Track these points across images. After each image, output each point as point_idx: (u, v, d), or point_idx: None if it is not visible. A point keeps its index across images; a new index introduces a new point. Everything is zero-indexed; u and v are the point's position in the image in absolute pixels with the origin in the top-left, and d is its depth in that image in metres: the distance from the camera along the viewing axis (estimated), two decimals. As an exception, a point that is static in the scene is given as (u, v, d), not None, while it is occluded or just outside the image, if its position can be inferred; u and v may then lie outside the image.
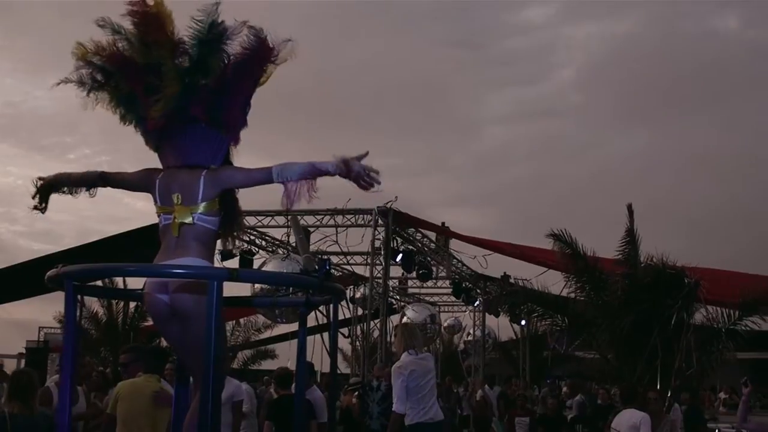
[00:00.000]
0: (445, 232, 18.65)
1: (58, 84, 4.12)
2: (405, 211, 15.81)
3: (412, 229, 17.44)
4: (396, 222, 15.74)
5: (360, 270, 19.25)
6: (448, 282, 22.73)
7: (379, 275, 16.18)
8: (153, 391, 6.22)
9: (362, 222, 15.99)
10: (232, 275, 3.63)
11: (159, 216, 4.14)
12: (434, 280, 21.69)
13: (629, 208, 11.73)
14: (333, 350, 4.34)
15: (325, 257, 4.33)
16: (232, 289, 4.17)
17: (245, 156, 4.31)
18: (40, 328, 28.53)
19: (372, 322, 16.68)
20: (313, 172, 3.90)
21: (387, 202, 15.20)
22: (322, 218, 16.09)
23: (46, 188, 4.34)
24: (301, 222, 15.25)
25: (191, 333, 3.94)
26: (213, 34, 3.97)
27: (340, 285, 4.38)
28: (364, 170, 3.86)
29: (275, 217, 16.28)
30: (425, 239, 18.62)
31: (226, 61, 4.04)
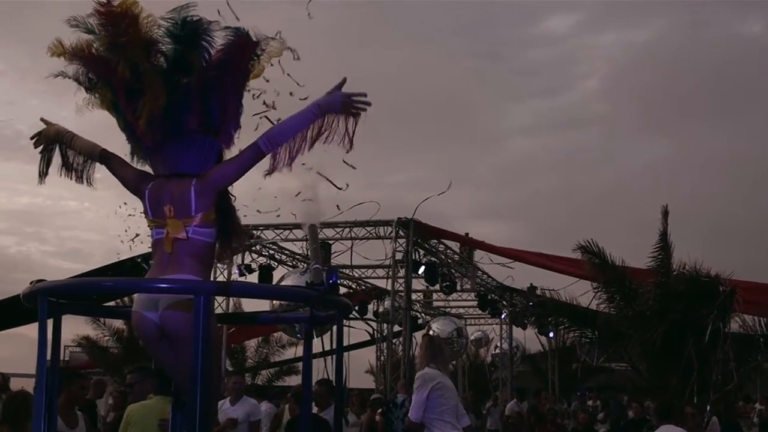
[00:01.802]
0: (467, 242, 18.23)
1: (56, 76, 3.88)
2: (427, 222, 15.47)
3: (435, 241, 17.06)
4: (417, 233, 15.39)
5: (383, 284, 18.91)
6: (473, 294, 22.30)
7: (401, 288, 15.79)
8: (162, 420, 5.83)
9: (383, 234, 15.62)
10: (221, 289, 3.27)
11: (151, 229, 3.84)
12: (459, 293, 21.29)
13: (664, 210, 11.23)
14: (338, 369, 3.96)
15: (332, 268, 3.93)
16: (254, 304, 3.85)
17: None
18: (65, 347, 28.45)
19: (396, 340, 16.31)
20: (300, 124, 3.77)
21: (412, 214, 14.82)
22: (342, 230, 15.77)
23: (51, 138, 4.09)
24: (319, 234, 14.91)
25: (183, 355, 3.59)
26: (187, 29, 3.69)
27: (345, 299, 4.00)
28: (347, 97, 3.75)
29: (294, 230, 15.97)
30: (448, 251, 18.24)
31: (207, 58, 3.75)
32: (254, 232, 16.03)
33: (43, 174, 4.11)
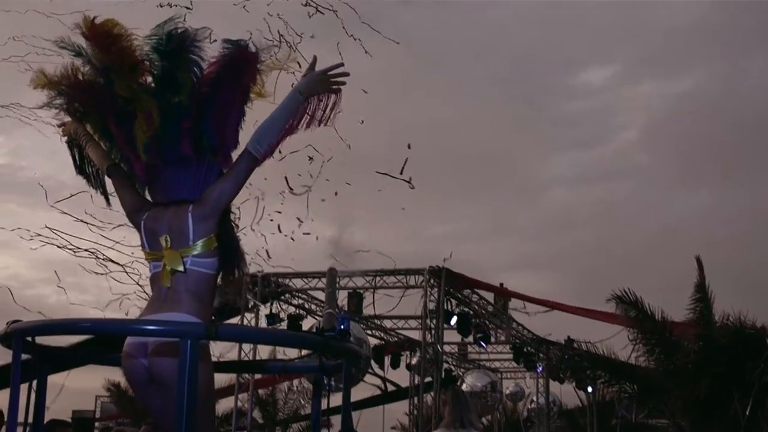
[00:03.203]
0: (501, 292, 17.79)
1: (41, 107, 3.69)
2: (461, 272, 15.12)
3: (468, 291, 16.65)
4: (449, 283, 15.00)
5: (415, 335, 18.48)
6: (508, 347, 21.75)
7: (433, 340, 15.37)
8: None
9: (414, 283, 15.25)
10: (210, 332, 2.94)
11: (148, 263, 3.56)
12: (494, 345, 20.78)
13: (698, 261, 10.84)
14: (345, 422, 3.61)
15: (345, 314, 3.62)
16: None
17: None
18: (96, 396, 28.31)
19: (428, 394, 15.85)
20: (286, 115, 3.55)
21: (444, 260, 14.49)
22: (372, 279, 15.42)
23: (70, 133, 3.86)
24: (349, 283, 14.64)
25: (172, 402, 3.25)
26: (173, 44, 3.44)
27: (354, 346, 3.65)
28: (325, 74, 3.60)
29: (322, 279, 15.67)
30: (482, 301, 17.78)
31: (197, 73, 3.50)
32: (282, 280, 15.77)
33: (78, 168, 3.92)
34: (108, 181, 3.83)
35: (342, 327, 3.48)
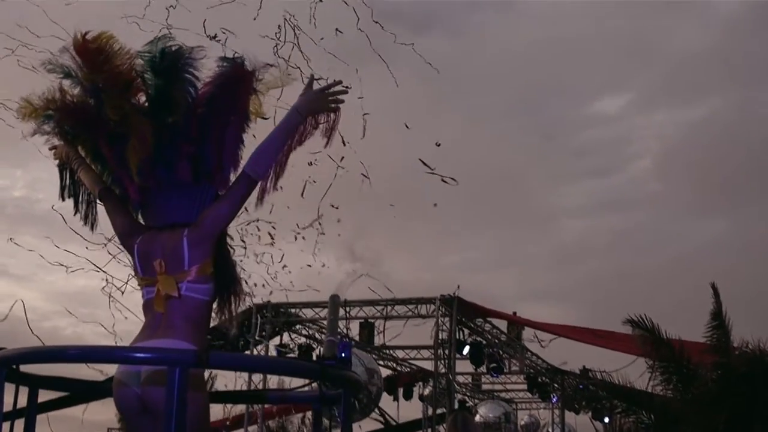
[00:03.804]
0: (514, 320, 17.54)
1: (33, 135, 3.57)
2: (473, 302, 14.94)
3: (480, 320, 16.43)
4: (462, 312, 14.80)
5: (428, 365, 18.24)
6: (523, 377, 21.48)
7: (446, 370, 15.15)
8: None
9: (425, 312, 15.06)
10: (200, 360, 2.79)
11: (141, 289, 3.43)
12: (508, 375, 20.50)
13: (714, 288, 10.60)
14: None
15: (346, 342, 3.47)
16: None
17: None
18: (108, 429, 28.12)
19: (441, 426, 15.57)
20: (284, 136, 3.44)
21: (453, 291, 14.34)
22: (383, 309, 15.24)
23: (62, 156, 3.75)
24: (359, 312, 14.47)
25: None
26: (167, 61, 3.32)
27: (354, 374, 3.48)
28: (323, 92, 3.51)
29: (333, 309, 15.50)
30: (495, 330, 17.54)
31: (192, 92, 3.37)
32: (293, 310, 15.61)
33: (61, 192, 3.80)
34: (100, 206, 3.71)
35: (343, 355, 3.34)
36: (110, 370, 3.47)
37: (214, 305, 3.51)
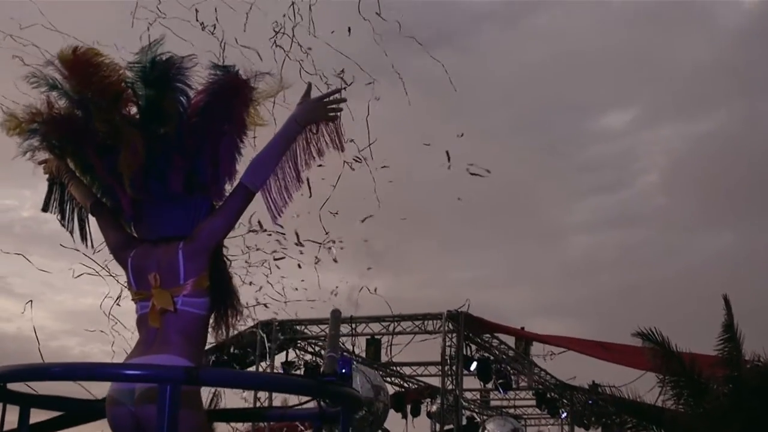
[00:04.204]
0: (521, 334, 17.38)
1: (25, 153, 3.45)
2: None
3: (488, 335, 16.29)
4: (469, 327, 14.67)
5: (436, 382, 18.09)
6: (531, 392, 21.32)
7: (453, 386, 15.00)
8: None
9: (432, 328, 14.93)
10: (191, 376, 2.69)
11: (135, 304, 3.34)
12: (516, 391, 20.34)
13: (726, 299, 10.46)
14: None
15: (347, 358, 3.36)
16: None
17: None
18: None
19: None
20: (282, 146, 3.37)
21: (459, 307, 14.23)
22: (389, 325, 15.11)
23: (53, 170, 3.65)
24: (365, 329, 14.34)
25: None
26: (158, 71, 3.23)
27: (354, 391, 3.37)
28: (321, 101, 3.44)
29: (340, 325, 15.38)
30: (502, 346, 17.39)
31: (184, 102, 3.28)
32: (298, 327, 15.49)
33: (47, 205, 3.70)
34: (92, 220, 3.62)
35: (343, 371, 3.24)
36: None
37: (211, 320, 3.41)
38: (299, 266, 6.13)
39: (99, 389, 3.43)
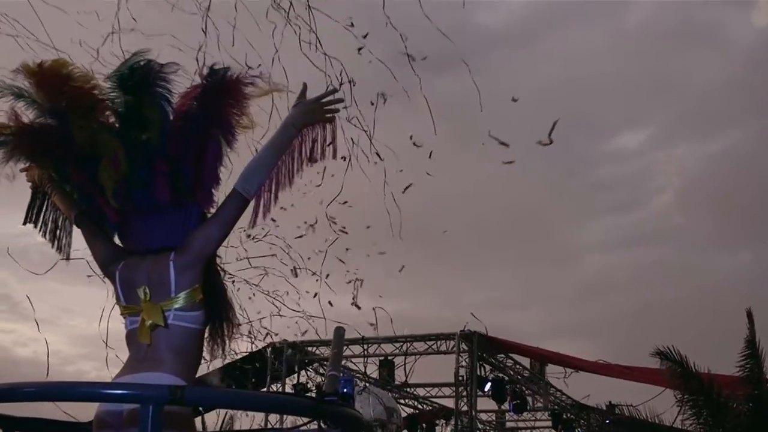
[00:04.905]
0: (535, 351, 17.09)
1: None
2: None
3: (502, 355, 16.04)
4: (482, 347, 14.43)
5: (450, 403, 17.85)
6: (547, 413, 21.03)
7: (467, 407, 14.76)
8: None
9: (445, 349, 14.72)
10: (175, 396, 2.50)
11: (124, 319, 3.18)
12: (531, 412, 20.06)
13: (749, 314, 10.22)
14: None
15: (349, 377, 3.19)
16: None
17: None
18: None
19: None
20: (277, 151, 3.23)
21: (464, 326, 14.03)
22: (401, 345, 14.91)
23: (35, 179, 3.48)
24: (377, 350, 14.14)
25: None
26: (136, 77, 3.08)
27: (354, 411, 3.18)
28: (317, 102, 3.32)
29: (350, 346, 15.18)
30: (517, 366, 17.14)
31: (165, 107, 3.13)
32: (310, 348, 15.31)
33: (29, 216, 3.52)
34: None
35: (344, 390, 3.06)
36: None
37: (206, 334, 3.24)
38: (315, 295, 6.00)
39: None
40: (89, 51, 3.39)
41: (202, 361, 3.34)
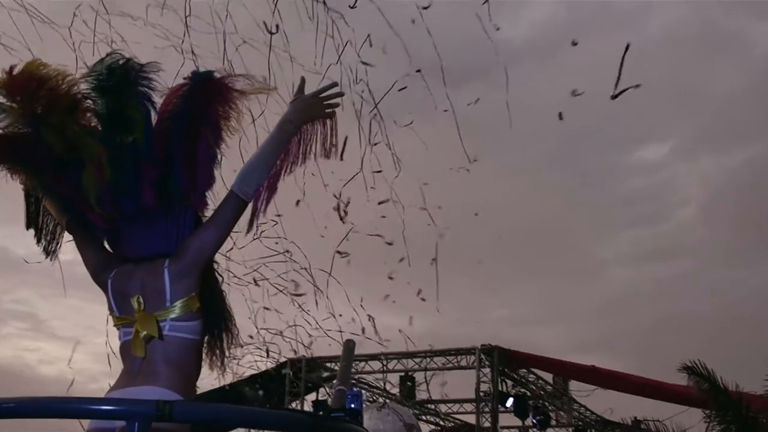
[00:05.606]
0: (558, 364, 16.79)
1: None
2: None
3: (524, 370, 15.79)
4: (503, 362, 14.21)
5: (472, 419, 17.62)
6: (570, 429, 20.74)
7: (489, 424, 14.54)
8: None
9: (465, 363, 14.51)
10: (162, 412, 2.32)
11: (118, 330, 3.04)
12: (555, 428, 19.79)
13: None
14: None
15: (357, 393, 3.01)
16: None
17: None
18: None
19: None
20: (275, 150, 3.09)
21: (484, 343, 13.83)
22: (421, 361, 14.71)
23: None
24: (397, 365, 13.94)
25: None
26: (116, 77, 2.94)
27: (358, 428, 2.99)
28: (316, 97, 3.18)
29: (369, 362, 14.99)
30: (540, 381, 16.87)
31: (147, 107, 2.98)
32: (328, 364, 15.13)
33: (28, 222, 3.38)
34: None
35: (352, 406, 2.88)
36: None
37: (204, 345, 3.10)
38: (335, 316, 5.89)
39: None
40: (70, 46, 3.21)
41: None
